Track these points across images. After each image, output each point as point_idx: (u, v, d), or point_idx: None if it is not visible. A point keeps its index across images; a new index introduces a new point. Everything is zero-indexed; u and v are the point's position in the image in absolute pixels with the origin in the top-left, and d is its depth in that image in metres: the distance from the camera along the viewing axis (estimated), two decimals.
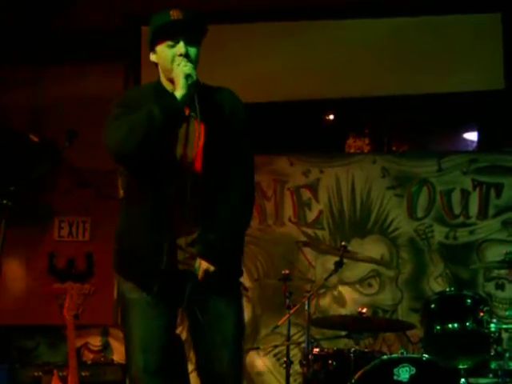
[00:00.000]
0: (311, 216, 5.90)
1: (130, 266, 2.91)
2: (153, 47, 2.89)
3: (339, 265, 4.42)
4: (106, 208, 5.68)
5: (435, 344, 3.97)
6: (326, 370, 4.21)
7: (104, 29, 6.01)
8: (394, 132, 6.36)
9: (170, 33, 2.82)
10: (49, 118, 6.08)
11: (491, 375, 4.18)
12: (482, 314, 3.91)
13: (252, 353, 5.61)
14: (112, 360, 5.57)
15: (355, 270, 5.66)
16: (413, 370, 3.83)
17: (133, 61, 6.05)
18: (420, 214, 5.79)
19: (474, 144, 6.23)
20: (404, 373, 3.83)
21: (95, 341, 5.93)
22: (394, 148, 6.34)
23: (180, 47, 2.81)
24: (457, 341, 3.94)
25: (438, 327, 3.95)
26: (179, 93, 2.76)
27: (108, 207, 5.61)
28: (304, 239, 5.79)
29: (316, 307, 5.61)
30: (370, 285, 5.75)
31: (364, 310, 4.36)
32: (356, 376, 3.90)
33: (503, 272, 5.38)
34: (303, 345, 4.44)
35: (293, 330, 4.91)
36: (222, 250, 2.85)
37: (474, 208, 5.75)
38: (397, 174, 5.86)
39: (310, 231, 5.88)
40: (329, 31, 6.06)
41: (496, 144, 5.98)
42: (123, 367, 5.05)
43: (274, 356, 5.68)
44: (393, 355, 4.09)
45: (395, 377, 3.83)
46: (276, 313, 5.20)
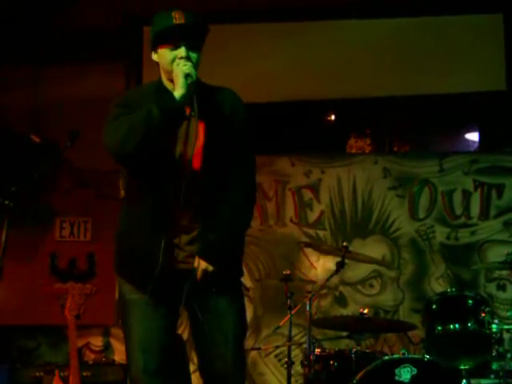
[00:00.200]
0: (312, 216, 5.90)
1: (130, 266, 2.91)
2: (154, 48, 2.89)
3: (341, 265, 4.42)
4: (107, 208, 5.68)
5: (437, 345, 3.97)
6: (328, 371, 4.21)
7: (104, 29, 6.00)
8: (396, 132, 6.36)
9: (172, 38, 2.81)
10: (49, 118, 6.08)
11: (493, 376, 4.18)
12: (484, 315, 3.92)
13: (253, 353, 5.61)
14: (113, 360, 5.55)
15: (357, 271, 5.65)
16: (414, 371, 3.83)
17: (134, 61, 6.04)
18: (421, 215, 5.78)
19: (476, 144, 6.22)
20: (405, 373, 3.83)
21: (96, 341, 5.92)
22: (396, 148, 6.34)
23: (181, 52, 2.80)
24: (458, 341, 3.95)
25: (440, 328, 3.96)
26: (178, 92, 2.76)
27: (109, 207, 5.60)
28: (305, 240, 5.79)
29: (317, 308, 5.61)
30: (372, 285, 5.74)
31: (365, 311, 4.37)
32: (357, 377, 3.90)
33: (504, 273, 5.37)
34: (305, 345, 4.44)
35: (294, 331, 4.93)
36: (222, 250, 2.85)
37: (476, 209, 5.74)
38: (398, 175, 5.85)
39: (312, 232, 5.87)
40: (329, 31, 6.06)
41: (497, 145, 5.98)
42: (124, 367, 5.05)
43: (276, 356, 5.68)
44: (394, 356, 4.11)
45: (396, 377, 3.83)
46: (277, 313, 5.20)
